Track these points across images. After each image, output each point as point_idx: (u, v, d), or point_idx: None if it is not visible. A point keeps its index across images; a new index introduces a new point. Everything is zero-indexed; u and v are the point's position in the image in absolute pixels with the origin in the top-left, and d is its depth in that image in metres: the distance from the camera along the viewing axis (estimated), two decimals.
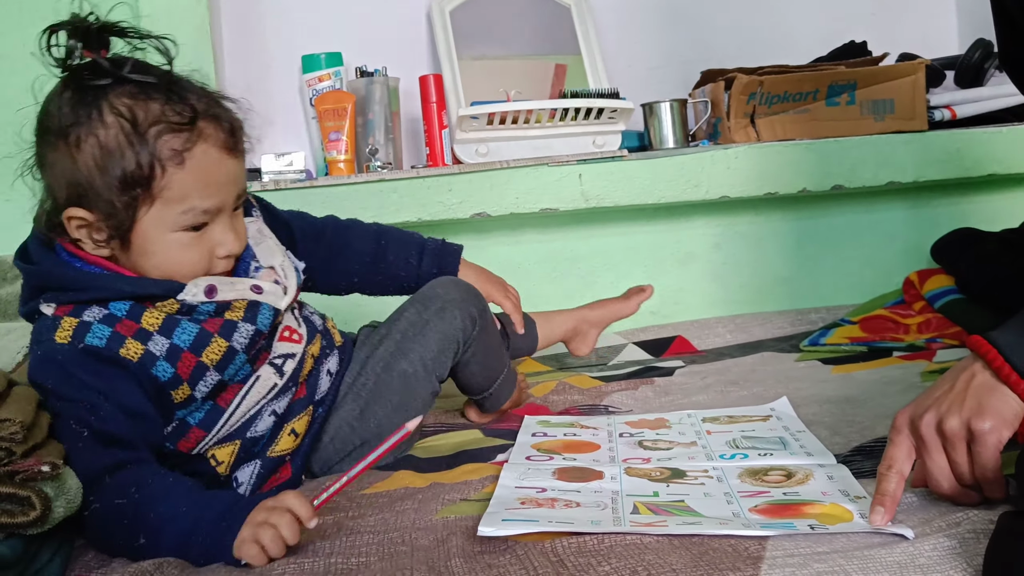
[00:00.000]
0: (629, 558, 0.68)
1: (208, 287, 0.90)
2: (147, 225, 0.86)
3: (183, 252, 0.88)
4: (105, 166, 0.83)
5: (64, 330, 0.85)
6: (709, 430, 1.05)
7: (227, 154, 0.88)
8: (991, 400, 0.73)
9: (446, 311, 1.05)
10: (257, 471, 0.96)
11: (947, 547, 0.67)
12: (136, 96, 0.85)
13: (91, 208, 0.85)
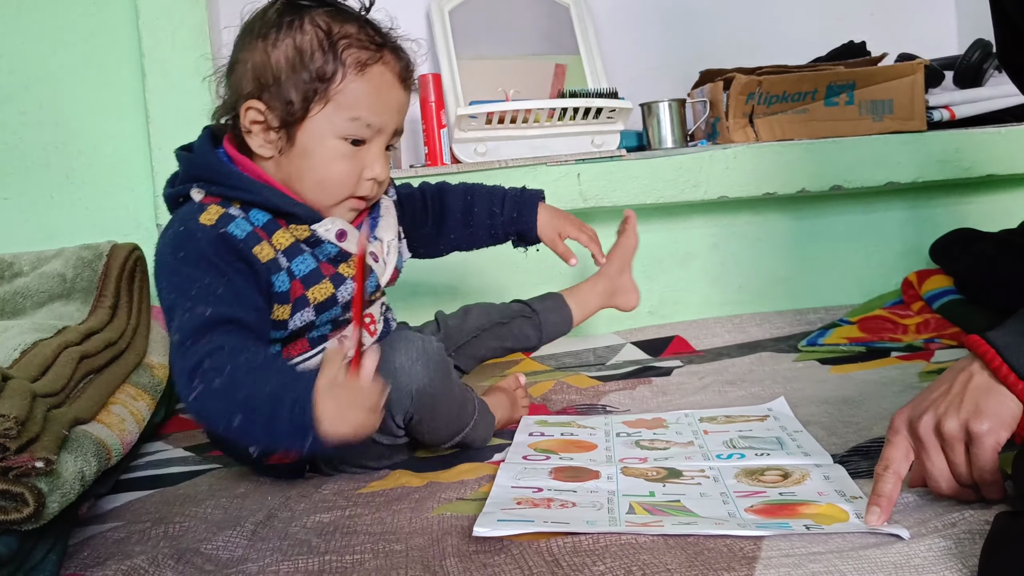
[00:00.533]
0: (624, 558, 0.68)
1: (340, 231, 0.96)
2: (315, 124, 0.93)
3: (338, 162, 0.95)
4: (294, 62, 0.92)
5: (210, 214, 0.91)
6: (706, 430, 1.05)
7: (400, 84, 0.97)
8: (989, 401, 0.73)
9: None
10: None
11: (943, 548, 0.67)
12: (334, 16, 0.95)
13: (270, 102, 0.93)
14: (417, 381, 0.92)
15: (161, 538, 0.84)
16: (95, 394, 1.03)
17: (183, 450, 1.17)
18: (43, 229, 1.56)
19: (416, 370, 0.93)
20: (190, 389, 0.83)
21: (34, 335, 1.01)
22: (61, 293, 1.28)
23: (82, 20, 1.56)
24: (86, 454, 0.87)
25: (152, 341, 1.32)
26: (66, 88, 1.57)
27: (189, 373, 0.83)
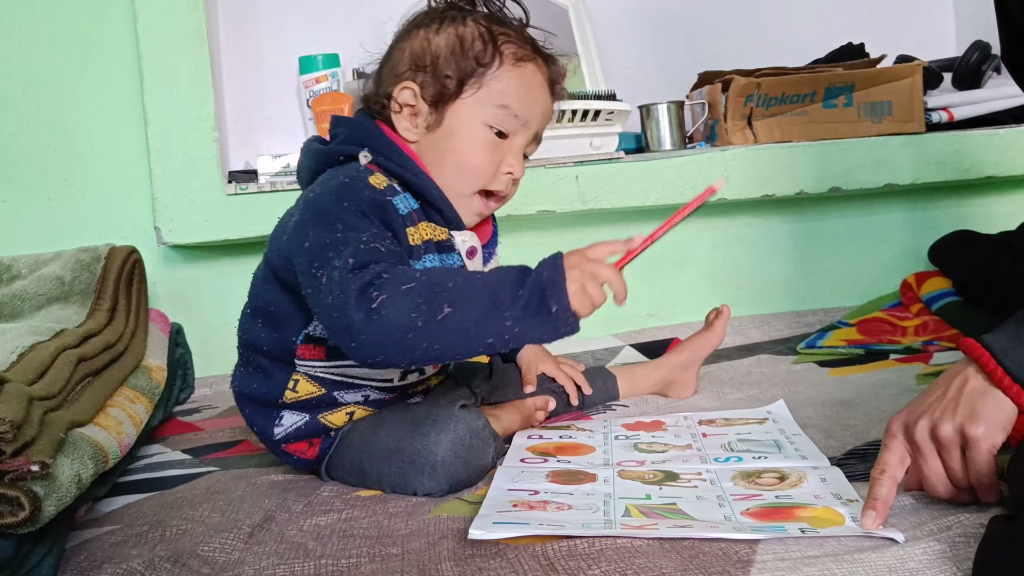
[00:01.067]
0: (619, 561, 0.68)
1: (471, 248, 0.99)
2: (465, 106, 0.96)
3: (481, 150, 0.96)
4: (454, 47, 0.96)
5: (379, 179, 0.93)
6: (705, 433, 1.05)
7: (547, 89, 1.00)
8: (984, 405, 0.73)
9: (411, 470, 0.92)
10: (300, 425, 0.98)
11: (937, 551, 0.67)
12: (494, 20, 0.99)
13: (424, 82, 0.96)
14: (455, 476, 0.91)
15: (158, 541, 0.84)
16: (93, 397, 1.04)
17: (181, 453, 1.17)
18: (41, 232, 1.56)
19: (456, 467, 0.91)
20: (366, 303, 0.79)
21: (32, 338, 1.01)
22: (59, 296, 1.28)
23: (80, 23, 1.56)
24: (83, 457, 0.87)
25: (150, 344, 1.32)
26: (64, 91, 1.57)
27: (361, 290, 0.80)
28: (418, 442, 0.91)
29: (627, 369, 1.29)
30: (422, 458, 0.90)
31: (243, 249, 1.58)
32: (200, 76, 1.51)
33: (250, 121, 1.75)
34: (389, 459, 0.93)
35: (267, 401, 0.98)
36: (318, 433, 0.98)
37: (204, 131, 1.51)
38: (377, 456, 0.94)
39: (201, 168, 1.50)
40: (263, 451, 1.15)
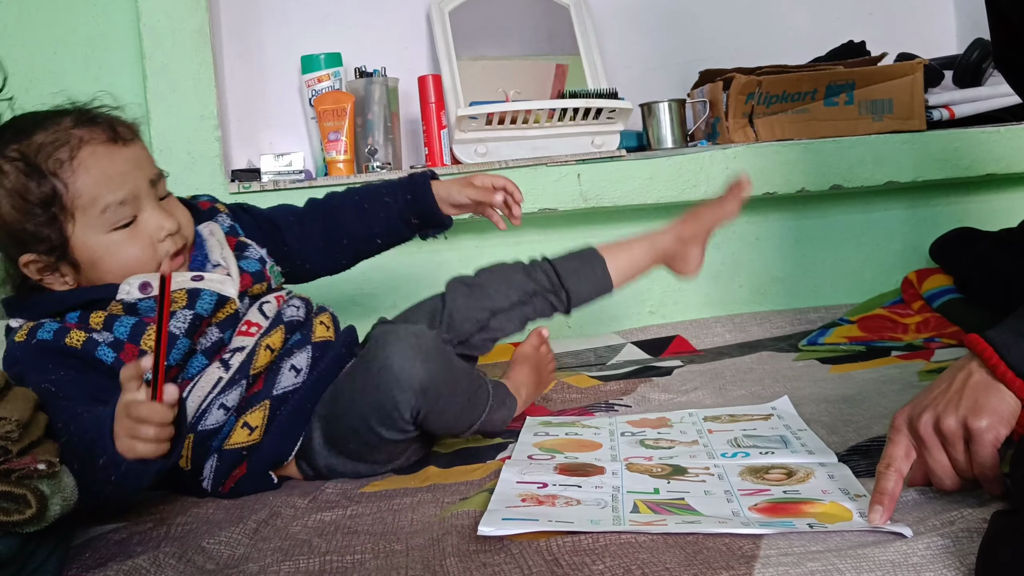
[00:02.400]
0: (623, 557, 0.68)
1: (142, 283, 0.95)
2: (80, 239, 0.94)
3: (125, 250, 0.95)
4: (20, 207, 0.92)
5: (22, 332, 0.94)
6: (711, 429, 1.05)
7: (114, 146, 0.95)
8: (988, 399, 0.74)
9: (379, 386, 0.93)
10: (215, 464, 0.97)
11: (940, 546, 0.67)
12: (19, 138, 0.93)
13: (34, 249, 0.94)
14: (417, 378, 0.91)
15: (163, 538, 0.84)
16: None
17: None
18: None
19: (416, 368, 0.92)
20: None
21: None
22: None
23: (83, 22, 1.57)
24: None
25: None
26: (67, 90, 1.56)
27: None
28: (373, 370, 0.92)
29: (619, 248, 1.19)
30: (382, 378, 0.91)
31: None
32: (203, 75, 1.51)
33: (252, 120, 1.75)
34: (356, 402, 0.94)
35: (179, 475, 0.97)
36: (237, 460, 0.97)
37: (207, 130, 1.51)
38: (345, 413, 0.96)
39: (204, 167, 1.51)
40: None
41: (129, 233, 0.95)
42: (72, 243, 0.93)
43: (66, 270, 0.96)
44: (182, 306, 0.95)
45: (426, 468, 1.00)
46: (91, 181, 0.92)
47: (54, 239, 0.93)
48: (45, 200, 0.91)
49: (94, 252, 0.94)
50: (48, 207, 0.92)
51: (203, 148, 1.51)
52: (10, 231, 0.93)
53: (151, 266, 0.96)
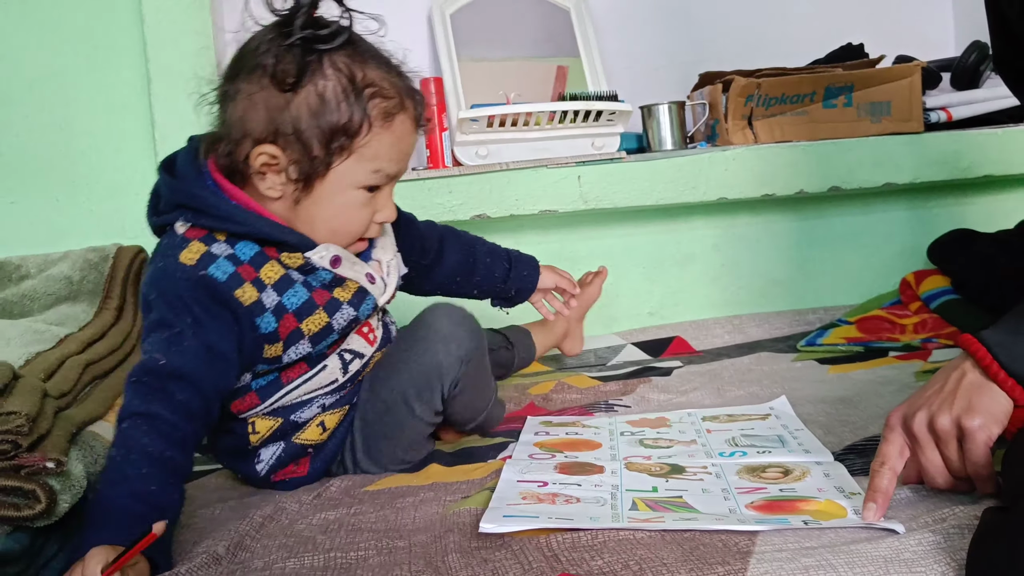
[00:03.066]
0: (621, 553, 0.69)
1: (335, 257, 0.94)
2: (336, 176, 0.91)
3: (355, 210, 0.94)
4: (318, 113, 0.88)
5: (192, 252, 0.89)
6: (709, 429, 1.06)
7: (415, 128, 0.96)
8: (981, 398, 0.75)
9: (428, 348, 0.98)
10: (278, 454, 0.98)
11: (932, 542, 0.68)
12: (354, 58, 0.91)
13: (286, 148, 0.89)
14: (465, 346, 0.98)
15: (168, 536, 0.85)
16: (101, 396, 1.05)
17: None
18: (48, 232, 1.57)
19: (462, 334, 0.98)
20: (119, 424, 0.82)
21: (36, 347, 1.03)
22: (68, 295, 1.29)
23: (87, 24, 1.58)
24: (94, 452, 0.89)
25: None
26: (71, 92, 1.58)
27: (123, 410, 0.83)
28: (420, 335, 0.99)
29: (536, 328, 1.39)
30: (430, 342, 0.98)
31: None
32: (205, 77, 1.52)
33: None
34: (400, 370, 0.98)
35: (239, 450, 0.98)
36: (300, 454, 0.99)
37: None
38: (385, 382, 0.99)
39: None
40: None
41: (367, 200, 0.94)
42: (329, 173, 0.90)
43: (290, 183, 0.91)
44: (346, 300, 0.95)
45: (428, 467, 1.02)
46: (387, 143, 0.92)
47: (317, 160, 0.89)
48: (343, 128, 0.89)
49: (333, 194, 0.92)
50: (338, 134, 0.89)
51: None
52: (281, 120, 0.88)
53: (355, 234, 0.96)
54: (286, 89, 0.88)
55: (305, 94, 0.88)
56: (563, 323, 1.41)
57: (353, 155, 0.90)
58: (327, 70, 0.89)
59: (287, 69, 0.88)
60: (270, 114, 0.89)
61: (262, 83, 0.89)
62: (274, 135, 0.89)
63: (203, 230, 0.90)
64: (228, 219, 0.90)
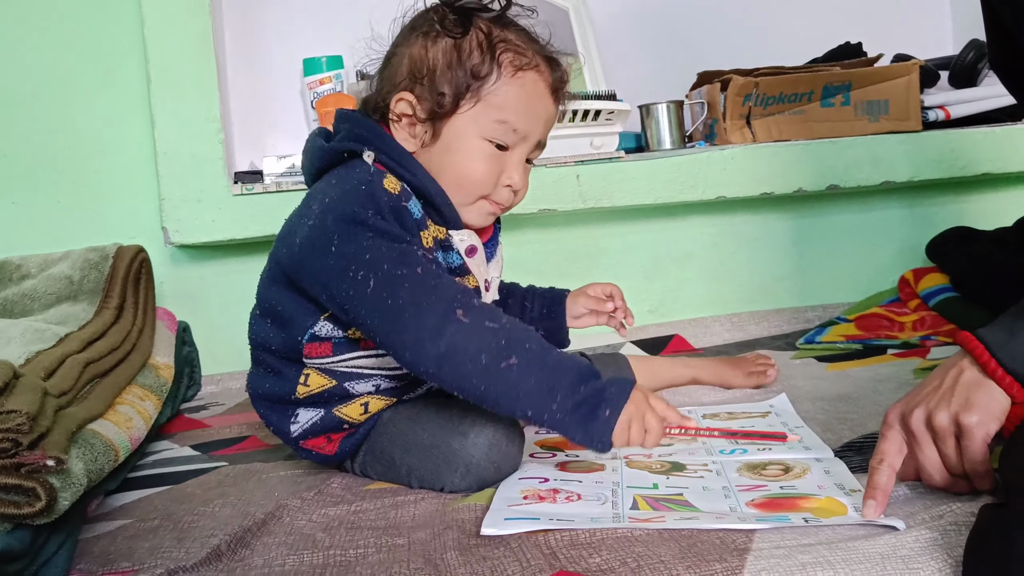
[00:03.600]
0: (619, 550, 0.70)
1: (471, 246, 0.97)
2: (462, 121, 0.94)
3: (480, 161, 0.95)
4: (451, 58, 0.94)
5: (392, 183, 0.91)
6: (709, 426, 1.07)
7: (550, 95, 0.98)
8: (978, 395, 0.75)
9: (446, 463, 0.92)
10: (315, 420, 0.98)
11: (929, 539, 0.68)
12: (496, 22, 0.96)
13: (421, 94, 0.94)
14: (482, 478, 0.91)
15: (169, 534, 0.86)
16: (102, 395, 1.05)
17: (189, 449, 1.19)
18: (50, 233, 1.57)
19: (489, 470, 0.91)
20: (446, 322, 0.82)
21: (36, 345, 1.03)
22: (68, 295, 1.30)
23: (88, 26, 1.58)
24: (94, 451, 0.89)
25: (157, 342, 1.34)
26: (72, 94, 1.59)
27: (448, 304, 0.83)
28: (456, 442, 0.91)
29: (646, 362, 1.27)
30: (457, 458, 0.90)
31: (249, 249, 1.60)
32: (206, 79, 1.53)
33: (255, 123, 1.76)
34: (423, 455, 0.93)
35: (281, 399, 0.98)
36: (335, 428, 0.99)
37: (210, 133, 1.53)
38: (411, 450, 0.94)
39: (208, 169, 1.52)
40: (271, 447, 1.17)
41: (494, 155, 0.95)
42: (454, 119, 0.94)
43: (423, 132, 0.95)
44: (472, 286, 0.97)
45: None
46: (514, 96, 0.94)
47: (446, 102, 0.93)
48: (474, 71, 0.93)
49: (460, 142, 0.94)
50: (469, 77, 0.93)
51: (207, 151, 1.52)
52: (420, 66, 0.94)
53: (480, 188, 0.96)
54: (429, 38, 0.94)
55: (444, 43, 0.94)
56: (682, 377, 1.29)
57: (480, 102, 0.93)
58: (470, 28, 0.94)
59: (431, 27, 0.95)
60: (412, 63, 0.95)
61: (411, 41, 0.96)
62: (412, 81, 0.94)
63: (386, 168, 0.94)
64: (409, 169, 0.94)
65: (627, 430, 0.82)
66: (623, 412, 0.81)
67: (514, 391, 0.81)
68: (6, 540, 0.71)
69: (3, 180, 1.57)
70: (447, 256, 0.96)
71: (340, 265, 0.86)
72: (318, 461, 1.02)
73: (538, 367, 0.81)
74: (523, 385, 0.81)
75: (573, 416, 0.81)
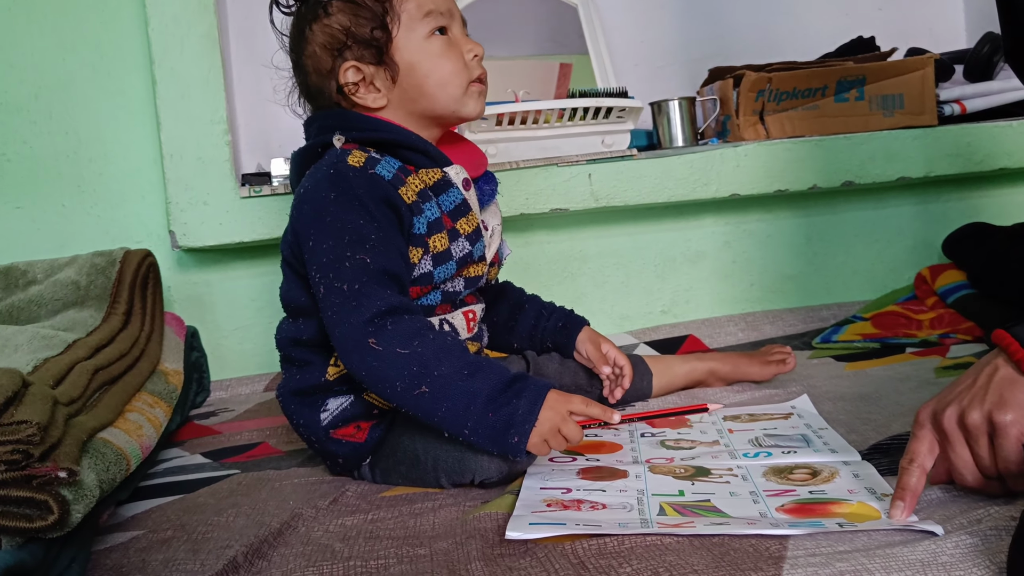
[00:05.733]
0: (650, 559, 0.68)
1: (466, 179, 1.00)
2: (403, 40, 0.99)
3: (441, 54, 1.00)
4: (353, 12, 0.98)
5: (356, 157, 0.95)
6: (731, 428, 1.05)
7: None
8: (1013, 393, 0.73)
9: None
10: (345, 406, 0.98)
11: (970, 544, 0.66)
12: None
13: (357, 53, 0.98)
14: (485, 474, 0.92)
15: (183, 545, 0.84)
16: (111, 403, 1.04)
17: (200, 456, 1.17)
18: (55, 238, 1.56)
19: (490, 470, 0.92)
20: (360, 345, 0.86)
21: (44, 352, 1.01)
22: (75, 300, 1.28)
23: (91, 29, 1.57)
24: (105, 461, 0.87)
25: (166, 348, 1.32)
26: (76, 97, 1.57)
27: (363, 326, 0.87)
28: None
29: (666, 363, 1.27)
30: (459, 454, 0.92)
31: (257, 252, 1.58)
32: (212, 80, 1.51)
33: (262, 124, 1.75)
34: (447, 445, 0.93)
35: (312, 388, 0.99)
36: (364, 415, 0.98)
37: (217, 135, 1.51)
38: (434, 441, 0.94)
39: (214, 172, 1.50)
40: (283, 453, 1.15)
41: (446, 44, 1.00)
42: (395, 44, 0.98)
43: (381, 81, 0.99)
44: (465, 234, 0.99)
45: None
46: None
47: (380, 39, 0.98)
48: (379, 5, 0.98)
49: (416, 53, 0.99)
50: (379, 8, 0.98)
51: (213, 153, 1.51)
52: (335, 37, 0.98)
53: (464, 79, 1.00)
54: (321, 18, 0.99)
55: (335, 10, 0.99)
56: (698, 372, 1.28)
57: (403, 14, 0.98)
58: None
59: (309, 15, 1.00)
60: (330, 43, 0.99)
61: (310, 37, 1.00)
62: (341, 52, 0.98)
63: (356, 143, 0.98)
64: (377, 129, 0.99)
65: (543, 444, 0.85)
66: (533, 433, 0.84)
67: (430, 416, 0.86)
68: (18, 555, 0.69)
69: (7, 184, 1.56)
70: (446, 198, 0.98)
71: (315, 262, 0.91)
72: (348, 453, 1.00)
73: (447, 395, 0.85)
74: (436, 412, 0.85)
75: (485, 440, 0.85)
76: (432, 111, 1.01)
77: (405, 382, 0.85)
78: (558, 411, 0.85)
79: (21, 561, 0.69)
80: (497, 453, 0.87)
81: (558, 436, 0.86)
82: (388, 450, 0.98)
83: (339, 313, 0.88)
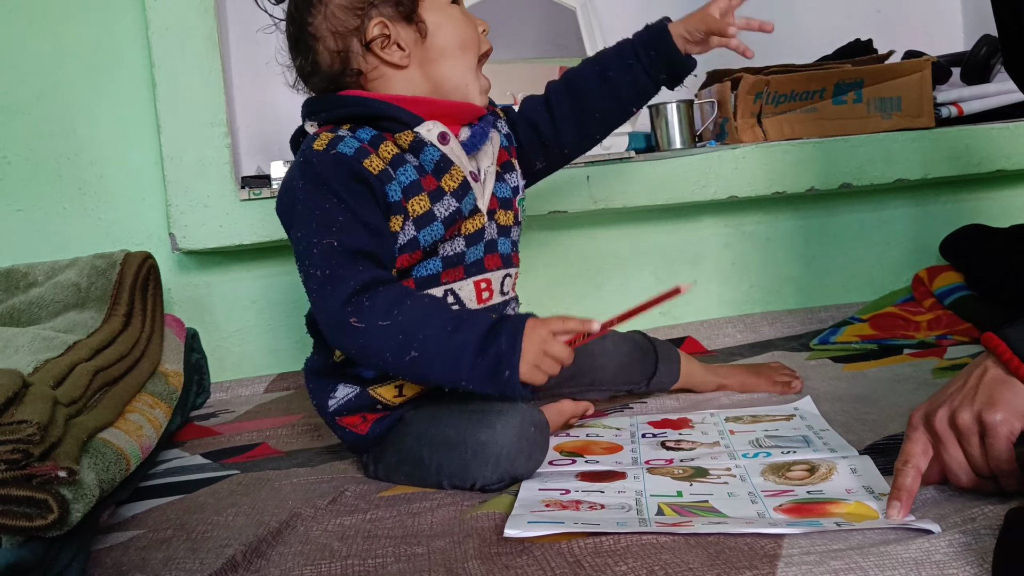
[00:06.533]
0: (646, 558, 0.68)
1: (441, 133, 0.98)
2: (430, 2, 0.99)
3: (464, 23, 1.01)
4: None
5: (321, 141, 0.95)
6: (732, 430, 1.05)
7: None
8: (1002, 393, 0.74)
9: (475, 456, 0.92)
10: (350, 396, 1.00)
11: (963, 543, 0.67)
12: None
13: (385, 12, 0.98)
14: (514, 468, 0.92)
15: (183, 544, 0.84)
16: (112, 404, 1.04)
17: (200, 457, 1.18)
18: (56, 240, 1.56)
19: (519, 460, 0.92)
20: (342, 325, 0.88)
21: (45, 354, 1.02)
22: (76, 302, 1.29)
23: (91, 31, 1.57)
24: (105, 460, 0.88)
25: (166, 349, 1.33)
26: (77, 100, 1.58)
27: (340, 307, 0.88)
28: (483, 434, 0.91)
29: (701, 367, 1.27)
30: (487, 450, 0.91)
31: (257, 254, 1.59)
32: (212, 83, 1.52)
33: (262, 126, 1.76)
34: (452, 450, 0.93)
35: (324, 369, 1.01)
36: (369, 407, 1.00)
37: (217, 137, 1.52)
38: (439, 446, 0.94)
39: (214, 174, 1.51)
40: (282, 454, 1.16)
41: (462, 12, 1.02)
42: (424, 3, 0.99)
43: (407, 41, 0.98)
44: (450, 191, 0.97)
45: None
46: None
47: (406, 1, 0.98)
48: None
49: (440, 15, 1.00)
50: None
51: (213, 155, 1.51)
52: (356, 6, 0.97)
53: (475, 51, 1.01)
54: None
55: None
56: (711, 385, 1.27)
57: None
58: None
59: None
60: (350, 3, 0.97)
61: (315, 14, 0.98)
62: (366, 10, 0.97)
63: (328, 125, 0.98)
64: (341, 105, 0.98)
65: (536, 371, 0.88)
66: (522, 363, 0.86)
67: (425, 376, 0.89)
68: (18, 553, 0.70)
69: (8, 187, 1.56)
70: (424, 156, 0.97)
71: (296, 249, 0.93)
72: (350, 441, 1.02)
73: (437, 355, 0.87)
74: (431, 371, 0.88)
75: (483, 385, 0.87)
76: (448, 79, 1.00)
77: (394, 351, 0.87)
78: (539, 334, 0.87)
79: (21, 559, 0.70)
80: (499, 395, 0.89)
81: (546, 359, 0.88)
82: (393, 449, 0.99)
83: (319, 299, 0.90)
